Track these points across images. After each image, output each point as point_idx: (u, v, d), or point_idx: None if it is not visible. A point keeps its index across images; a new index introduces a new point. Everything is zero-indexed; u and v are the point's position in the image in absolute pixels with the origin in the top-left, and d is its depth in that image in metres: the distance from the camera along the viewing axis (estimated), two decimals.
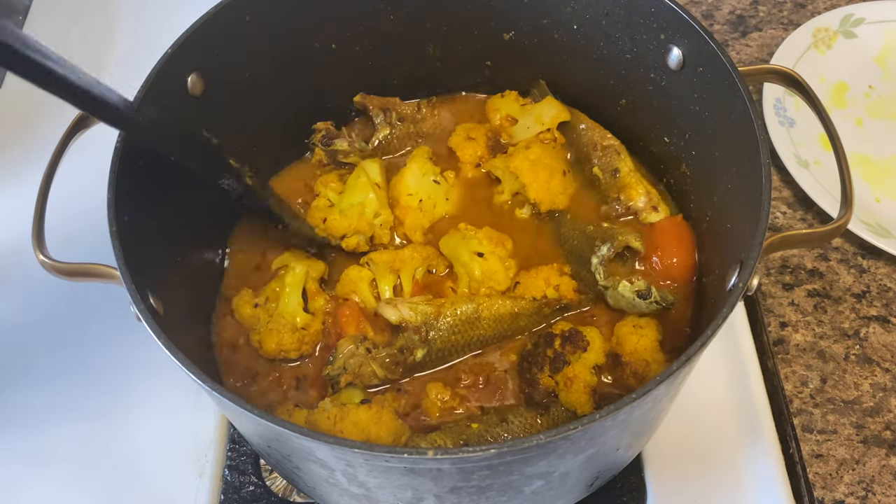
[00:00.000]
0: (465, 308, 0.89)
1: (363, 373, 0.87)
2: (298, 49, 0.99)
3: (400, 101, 1.09)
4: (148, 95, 0.81)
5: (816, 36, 1.34)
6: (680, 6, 0.86)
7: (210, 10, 0.88)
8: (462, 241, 0.95)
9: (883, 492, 0.96)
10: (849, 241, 1.15)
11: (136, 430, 0.99)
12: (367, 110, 1.08)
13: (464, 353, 0.91)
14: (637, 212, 0.99)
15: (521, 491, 0.71)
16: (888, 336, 1.07)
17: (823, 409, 1.02)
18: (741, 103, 0.79)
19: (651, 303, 0.88)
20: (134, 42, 1.39)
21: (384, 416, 0.82)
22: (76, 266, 0.76)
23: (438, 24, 1.05)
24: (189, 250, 0.94)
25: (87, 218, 0.87)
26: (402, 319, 0.88)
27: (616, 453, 0.79)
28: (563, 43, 1.01)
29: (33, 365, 1.05)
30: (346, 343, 0.88)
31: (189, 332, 0.90)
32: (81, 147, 0.83)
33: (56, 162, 0.81)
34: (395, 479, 0.66)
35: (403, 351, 0.88)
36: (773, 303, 1.10)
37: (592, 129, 1.05)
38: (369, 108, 1.07)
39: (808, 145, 1.22)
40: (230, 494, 0.93)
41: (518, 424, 0.84)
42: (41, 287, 0.95)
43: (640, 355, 0.86)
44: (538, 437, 0.59)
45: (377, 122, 1.07)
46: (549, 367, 0.86)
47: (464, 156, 1.06)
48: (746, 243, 0.72)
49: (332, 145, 1.06)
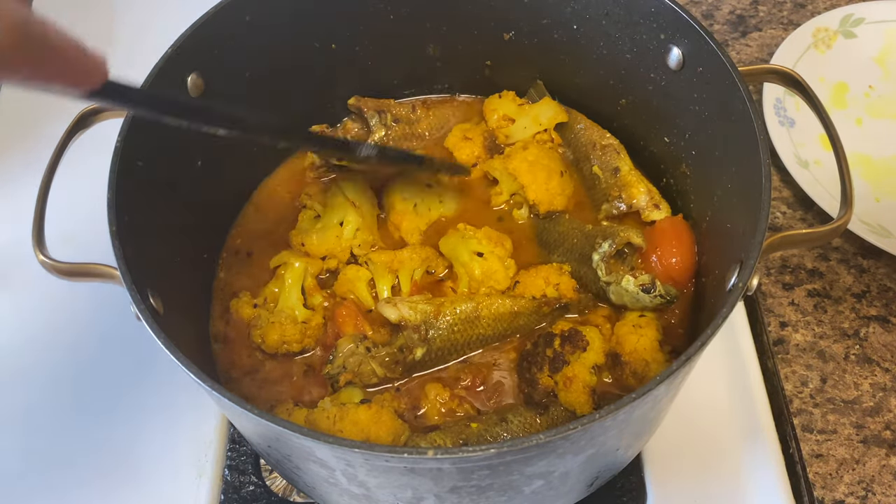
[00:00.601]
0: (464, 307, 0.89)
1: (363, 371, 0.87)
2: (298, 49, 0.99)
3: (395, 103, 1.09)
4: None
5: (816, 36, 1.34)
6: (680, 6, 0.86)
7: (210, 10, 0.88)
8: (461, 241, 0.96)
9: (883, 492, 0.96)
10: (849, 241, 1.15)
11: (136, 430, 0.99)
12: (363, 113, 1.08)
13: (463, 352, 0.91)
14: (639, 210, 0.99)
15: (520, 491, 0.71)
16: (888, 336, 1.07)
17: (823, 408, 1.02)
18: (741, 103, 0.79)
19: (655, 296, 0.88)
20: (134, 42, 1.39)
21: (384, 416, 0.82)
22: (76, 266, 0.76)
23: (438, 24, 1.05)
24: (189, 250, 0.94)
25: (87, 218, 0.87)
26: (401, 318, 0.88)
27: (616, 453, 0.79)
28: (563, 43, 1.01)
29: (33, 365, 1.05)
30: (345, 342, 0.88)
31: (189, 331, 0.90)
32: (81, 147, 0.83)
33: (56, 162, 0.81)
34: (395, 478, 0.66)
35: (403, 350, 0.88)
36: (772, 303, 1.10)
37: (591, 129, 1.05)
38: (364, 110, 1.07)
39: (808, 145, 1.22)
40: (230, 494, 0.93)
41: (517, 424, 0.84)
42: (41, 287, 0.95)
43: (640, 355, 0.86)
44: (538, 436, 0.59)
45: (372, 124, 1.07)
46: (548, 366, 0.86)
47: (460, 156, 1.06)
48: (746, 243, 0.72)
49: None
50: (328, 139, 1.00)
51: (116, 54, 1.37)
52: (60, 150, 0.82)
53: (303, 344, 0.91)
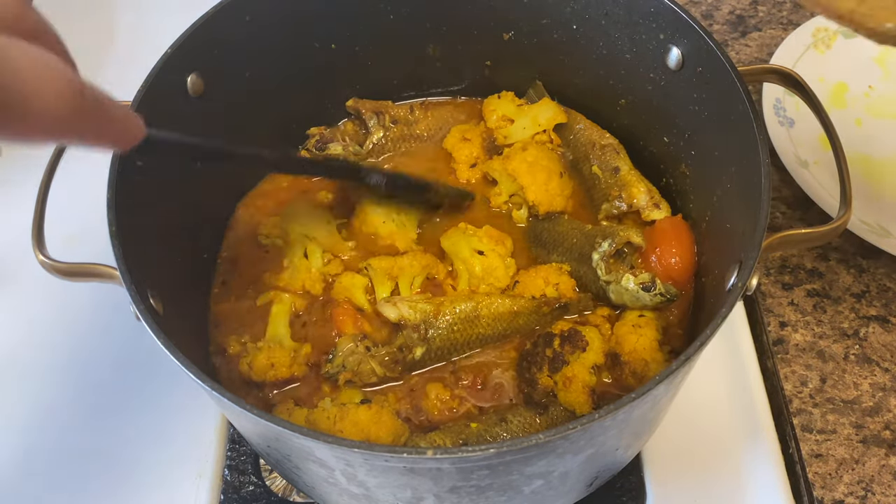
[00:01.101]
0: (464, 306, 0.89)
1: (362, 371, 0.87)
2: (298, 49, 0.99)
3: (392, 105, 1.09)
4: (148, 95, 0.81)
5: (816, 36, 1.34)
6: (680, 6, 0.86)
7: (210, 10, 0.88)
8: (463, 238, 0.96)
9: (882, 492, 0.96)
10: (848, 241, 1.15)
11: (135, 430, 0.99)
12: (360, 114, 1.08)
13: (463, 351, 0.91)
14: (639, 209, 0.99)
15: (520, 491, 0.71)
16: (888, 336, 1.07)
17: (823, 408, 1.02)
18: (741, 103, 0.79)
19: (655, 295, 0.88)
20: (134, 42, 1.39)
21: (384, 416, 0.82)
22: (76, 266, 0.76)
23: (438, 24, 1.05)
24: (189, 250, 0.94)
25: (87, 218, 0.87)
26: (401, 317, 0.88)
27: (615, 453, 0.79)
28: (563, 43, 1.02)
29: (33, 365, 1.05)
30: (345, 341, 0.88)
31: (189, 331, 0.90)
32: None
33: (56, 162, 0.81)
34: (395, 478, 0.66)
35: (403, 349, 0.88)
36: (772, 303, 1.10)
37: (590, 129, 1.05)
38: (362, 111, 1.07)
39: (808, 145, 1.22)
40: (230, 494, 0.94)
41: (517, 424, 0.84)
42: (41, 287, 0.95)
43: (640, 354, 0.86)
44: (537, 436, 0.59)
45: (370, 125, 1.07)
46: (548, 366, 0.86)
47: (459, 157, 1.06)
48: (746, 243, 0.72)
49: (327, 150, 1.05)
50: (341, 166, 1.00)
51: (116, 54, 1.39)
52: (60, 150, 0.82)
53: (291, 370, 0.88)
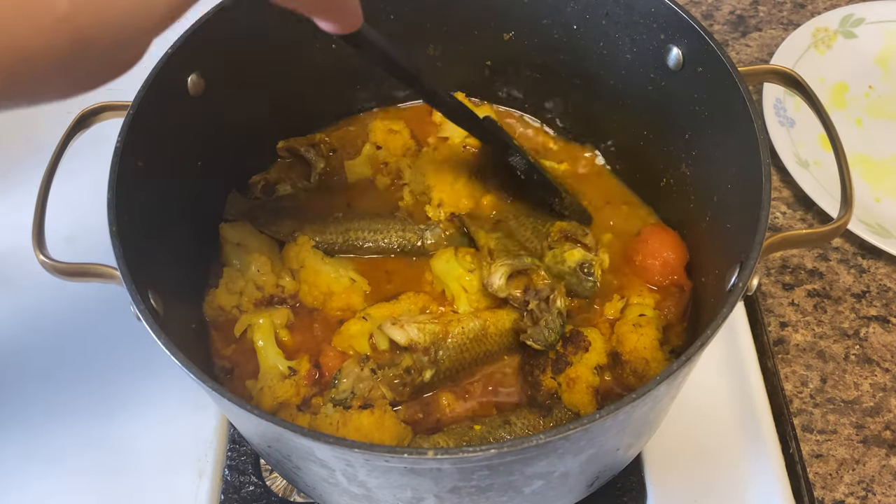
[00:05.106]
0: (472, 325, 0.88)
1: (373, 397, 0.86)
2: (299, 49, 0.99)
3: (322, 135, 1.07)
4: (148, 95, 0.81)
5: (816, 36, 1.34)
6: (680, 6, 0.86)
7: (210, 10, 0.87)
8: (453, 259, 0.94)
9: (883, 492, 0.96)
10: (849, 241, 1.16)
11: (136, 430, 0.99)
12: (297, 151, 1.05)
13: (471, 368, 0.89)
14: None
15: (521, 491, 0.71)
16: (888, 336, 1.07)
17: (823, 409, 1.02)
18: (741, 103, 0.79)
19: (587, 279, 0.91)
20: None
21: (387, 421, 0.82)
22: (76, 266, 0.76)
23: (438, 24, 1.05)
24: (189, 250, 0.94)
25: (87, 218, 0.87)
26: (410, 341, 0.85)
27: (616, 453, 0.79)
28: (563, 43, 1.01)
29: (33, 365, 1.05)
30: (350, 365, 0.87)
31: (189, 331, 0.90)
32: (81, 147, 0.83)
33: (56, 162, 0.81)
34: (396, 479, 0.66)
35: (411, 371, 0.86)
36: (772, 303, 1.10)
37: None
38: (298, 149, 1.05)
39: (808, 145, 1.22)
40: (230, 494, 0.93)
41: (521, 426, 0.83)
42: (41, 287, 0.95)
43: (640, 353, 0.86)
44: (538, 437, 0.59)
45: (310, 159, 1.04)
46: (551, 368, 0.86)
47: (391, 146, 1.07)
48: (746, 243, 0.72)
49: (276, 192, 1.03)
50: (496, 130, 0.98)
51: None
52: (60, 150, 0.82)
53: (301, 395, 0.87)
